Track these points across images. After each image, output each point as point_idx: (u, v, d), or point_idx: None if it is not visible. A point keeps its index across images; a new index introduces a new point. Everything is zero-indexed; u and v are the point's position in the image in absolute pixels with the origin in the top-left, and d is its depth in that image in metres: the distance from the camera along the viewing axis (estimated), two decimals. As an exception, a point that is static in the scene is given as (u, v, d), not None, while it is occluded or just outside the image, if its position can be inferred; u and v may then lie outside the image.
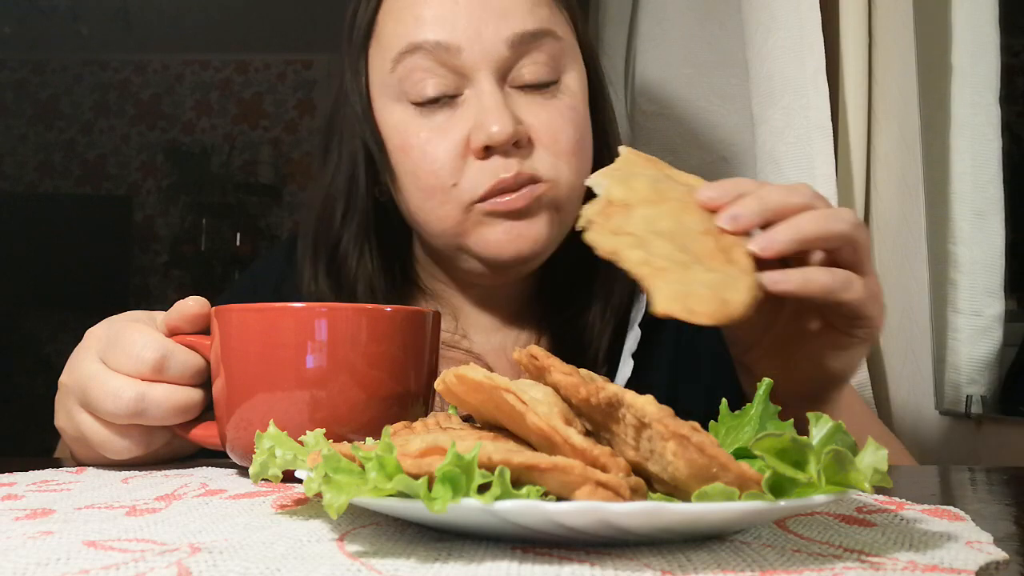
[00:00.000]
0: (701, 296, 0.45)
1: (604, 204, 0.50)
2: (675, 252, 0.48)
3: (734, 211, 0.51)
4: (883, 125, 1.02)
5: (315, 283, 0.79)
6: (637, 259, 0.47)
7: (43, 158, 5.11)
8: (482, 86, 0.70)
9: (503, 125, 0.68)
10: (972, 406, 0.92)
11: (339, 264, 0.79)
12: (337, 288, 0.79)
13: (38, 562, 0.31)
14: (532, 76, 0.72)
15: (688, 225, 0.50)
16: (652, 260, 0.47)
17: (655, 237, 0.48)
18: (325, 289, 0.79)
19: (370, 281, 0.79)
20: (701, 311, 0.45)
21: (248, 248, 4.89)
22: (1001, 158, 0.92)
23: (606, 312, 0.80)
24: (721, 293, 0.46)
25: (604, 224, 0.49)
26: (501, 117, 0.69)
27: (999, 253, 0.92)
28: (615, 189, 0.51)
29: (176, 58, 5.08)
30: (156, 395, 0.56)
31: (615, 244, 0.48)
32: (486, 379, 0.37)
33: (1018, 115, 0.97)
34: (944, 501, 0.44)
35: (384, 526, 0.37)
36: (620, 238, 0.48)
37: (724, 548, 0.33)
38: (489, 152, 0.70)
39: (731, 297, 0.46)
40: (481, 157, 0.70)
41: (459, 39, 0.70)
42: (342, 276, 0.79)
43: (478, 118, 0.70)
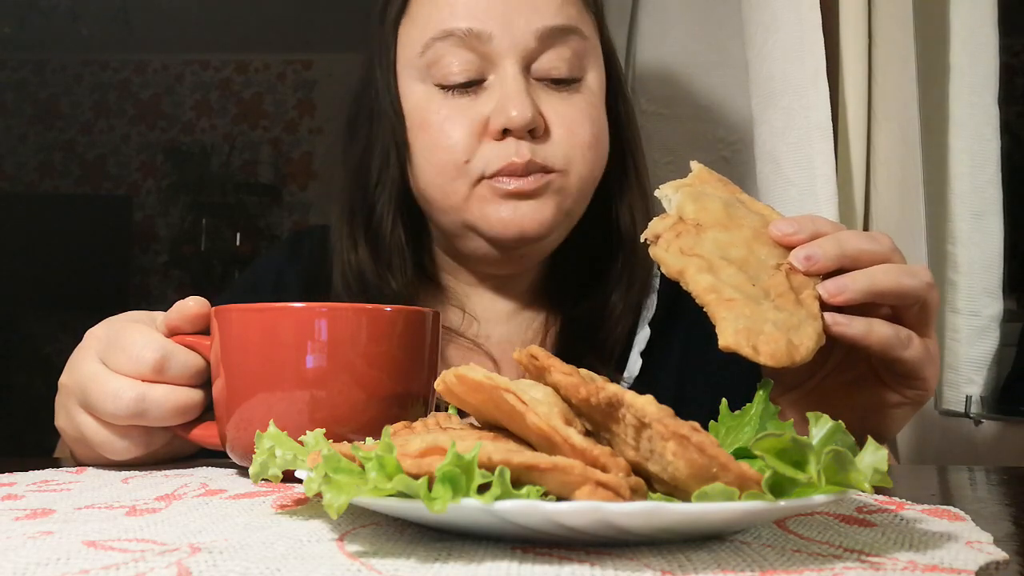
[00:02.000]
0: (768, 336, 0.45)
1: (675, 220, 0.50)
2: (745, 283, 0.47)
3: (810, 251, 0.50)
4: (883, 125, 1.02)
5: (354, 253, 0.79)
6: (706, 284, 0.46)
7: (43, 158, 5.11)
8: (506, 71, 0.72)
9: (522, 110, 0.70)
10: (972, 406, 0.92)
11: (375, 229, 0.79)
12: (375, 255, 0.79)
13: (38, 562, 0.31)
14: (555, 71, 0.74)
15: (760, 256, 0.50)
16: (721, 288, 0.46)
17: (725, 264, 0.48)
18: (365, 257, 0.79)
19: (402, 252, 0.79)
20: (766, 351, 0.44)
21: (248, 248, 4.89)
22: (1000, 158, 0.92)
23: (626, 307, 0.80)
24: (788, 335, 0.45)
25: (672, 241, 0.49)
26: (522, 103, 0.71)
27: (997, 253, 0.93)
28: (687, 205, 0.51)
29: (176, 58, 5.08)
30: (156, 396, 0.56)
31: (683, 264, 0.47)
32: (486, 379, 0.37)
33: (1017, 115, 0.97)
34: (944, 501, 0.44)
35: (384, 526, 0.37)
36: (689, 259, 0.48)
37: (724, 548, 0.33)
38: (506, 135, 0.72)
39: (798, 341, 0.46)
40: (498, 139, 0.72)
41: (491, 27, 0.72)
42: (379, 242, 0.79)
43: (500, 102, 0.72)
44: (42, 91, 5.11)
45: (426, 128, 0.74)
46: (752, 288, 0.47)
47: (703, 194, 0.52)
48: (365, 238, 0.80)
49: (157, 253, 5.08)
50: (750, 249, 0.50)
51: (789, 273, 0.50)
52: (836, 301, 0.49)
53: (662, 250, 0.49)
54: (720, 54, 1.28)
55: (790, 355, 0.45)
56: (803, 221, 0.52)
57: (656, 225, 0.50)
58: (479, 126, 0.72)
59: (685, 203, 0.51)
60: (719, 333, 0.44)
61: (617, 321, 0.80)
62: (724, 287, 0.46)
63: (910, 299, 0.52)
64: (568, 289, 0.82)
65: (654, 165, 1.30)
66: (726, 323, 0.45)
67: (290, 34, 4.66)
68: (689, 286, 0.47)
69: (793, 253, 0.50)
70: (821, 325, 0.48)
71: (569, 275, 0.82)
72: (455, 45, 0.73)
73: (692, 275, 0.47)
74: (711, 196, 0.53)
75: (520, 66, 0.73)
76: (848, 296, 0.49)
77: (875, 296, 0.50)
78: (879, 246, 0.52)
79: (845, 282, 0.49)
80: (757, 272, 0.49)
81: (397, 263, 0.79)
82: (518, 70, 0.72)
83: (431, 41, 0.73)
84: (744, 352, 0.44)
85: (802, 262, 0.50)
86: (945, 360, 0.94)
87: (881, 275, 0.50)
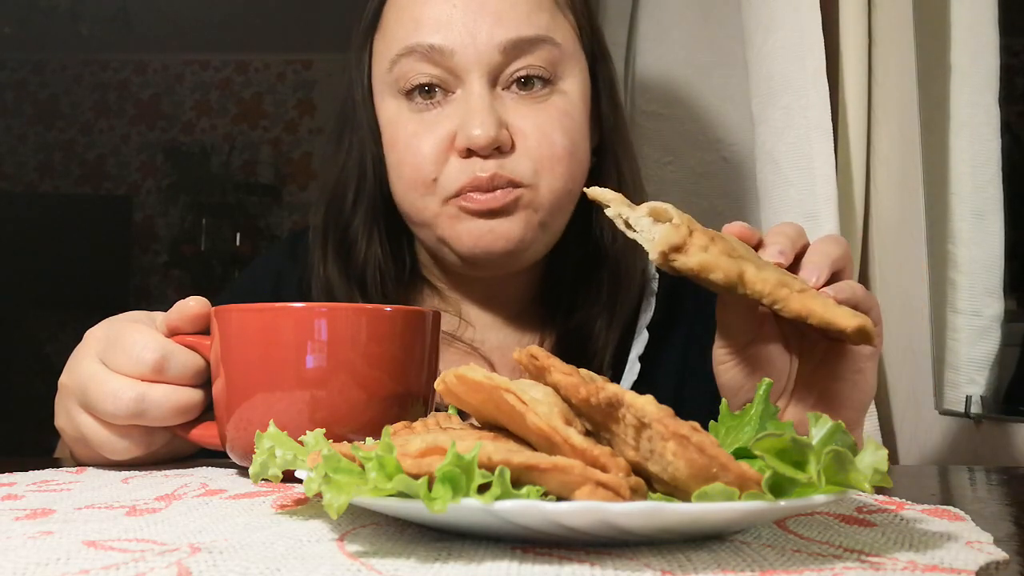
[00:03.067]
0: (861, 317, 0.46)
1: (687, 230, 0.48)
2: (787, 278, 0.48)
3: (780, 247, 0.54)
4: (883, 125, 1.02)
5: (323, 266, 0.80)
6: (775, 280, 0.47)
7: (43, 158, 5.11)
8: (472, 87, 0.71)
9: (485, 129, 0.69)
10: (972, 406, 0.92)
11: (348, 248, 0.80)
12: (346, 272, 0.79)
13: (38, 562, 0.31)
14: (525, 76, 0.72)
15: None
16: (790, 283, 0.47)
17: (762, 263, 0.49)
18: (334, 273, 0.79)
19: (379, 265, 0.79)
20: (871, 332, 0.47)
21: (248, 248, 4.89)
22: (1000, 158, 0.92)
23: (612, 322, 0.80)
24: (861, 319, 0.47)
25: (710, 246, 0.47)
26: (485, 120, 0.69)
27: (998, 253, 0.92)
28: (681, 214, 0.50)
29: (176, 58, 5.08)
30: (156, 396, 0.56)
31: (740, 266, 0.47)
32: (486, 379, 0.37)
33: (1018, 115, 0.97)
34: (944, 501, 0.44)
35: (384, 526, 0.37)
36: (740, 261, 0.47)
37: (724, 548, 0.33)
38: (471, 154, 0.71)
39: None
40: (464, 156, 0.71)
41: (453, 43, 0.71)
42: (351, 260, 0.79)
43: (463, 119, 0.71)
44: (42, 91, 5.11)
45: (395, 144, 0.74)
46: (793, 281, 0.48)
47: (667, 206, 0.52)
48: (335, 255, 0.80)
49: (157, 253, 5.08)
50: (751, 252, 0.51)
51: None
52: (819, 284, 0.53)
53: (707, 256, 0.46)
54: (720, 54, 1.28)
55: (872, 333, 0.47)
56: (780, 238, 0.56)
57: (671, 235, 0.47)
58: (446, 142, 0.72)
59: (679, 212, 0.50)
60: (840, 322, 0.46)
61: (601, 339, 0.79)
62: (790, 280, 0.47)
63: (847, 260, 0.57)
64: (560, 299, 0.82)
65: (654, 165, 1.31)
66: (836, 310, 0.46)
67: (290, 34, 4.66)
68: (755, 286, 0.46)
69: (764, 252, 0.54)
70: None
71: (561, 285, 0.82)
72: (419, 60, 0.72)
73: (755, 274, 0.46)
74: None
75: (485, 80, 0.71)
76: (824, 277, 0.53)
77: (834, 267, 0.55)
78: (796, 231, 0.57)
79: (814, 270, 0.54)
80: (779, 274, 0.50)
81: (372, 278, 0.79)
82: (483, 84, 0.71)
83: (397, 57, 0.73)
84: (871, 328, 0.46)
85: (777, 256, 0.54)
86: (946, 360, 0.94)
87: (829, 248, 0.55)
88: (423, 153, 0.72)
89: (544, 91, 0.73)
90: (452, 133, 0.71)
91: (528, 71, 0.72)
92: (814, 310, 0.46)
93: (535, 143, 0.72)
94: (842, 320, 0.46)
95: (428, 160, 0.72)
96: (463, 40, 0.71)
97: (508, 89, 0.73)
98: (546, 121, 0.72)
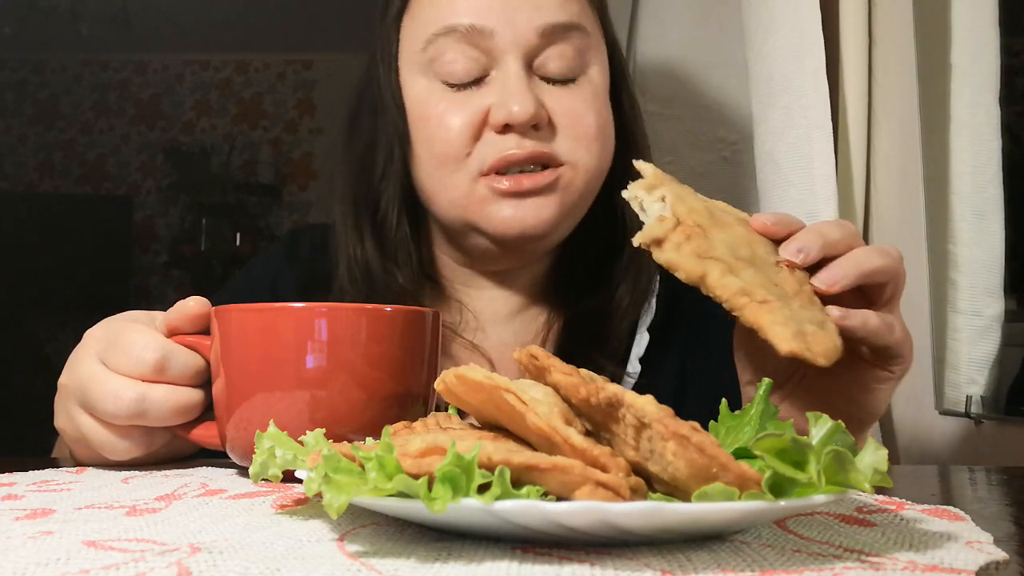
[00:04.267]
0: (816, 336, 0.45)
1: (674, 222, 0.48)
2: (767, 283, 0.47)
3: (801, 244, 0.51)
4: (883, 125, 1.02)
5: (360, 246, 0.79)
6: (735, 288, 0.45)
7: (43, 158, 5.11)
8: (509, 68, 0.72)
9: (525, 105, 0.70)
10: (972, 406, 0.92)
11: (380, 223, 0.79)
12: (381, 248, 0.79)
13: (38, 562, 0.31)
14: (557, 68, 0.74)
15: (761, 254, 0.49)
16: (751, 291, 0.45)
17: (742, 264, 0.47)
18: (371, 250, 0.79)
19: (407, 246, 0.79)
20: (819, 351, 0.44)
21: (248, 248, 4.89)
22: (1001, 158, 0.92)
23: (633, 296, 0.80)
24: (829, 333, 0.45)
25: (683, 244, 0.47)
26: (524, 98, 0.70)
27: (999, 253, 0.92)
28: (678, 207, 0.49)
29: (176, 58, 5.08)
30: (156, 396, 0.56)
31: (704, 268, 0.46)
32: (486, 379, 0.37)
33: (1018, 115, 0.97)
34: (944, 501, 0.44)
35: (384, 526, 0.37)
36: (708, 262, 0.46)
37: (724, 548, 0.33)
38: (507, 130, 0.71)
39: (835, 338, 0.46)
40: (500, 132, 0.72)
41: (492, 23, 0.72)
42: (384, 236, 0.79)
43: (501, 96, 0.71)
44: (42, 91, 5.11)
45: (425, 120, 0.74)
46: (775, 288, 0.47)
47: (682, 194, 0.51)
48: (371, 232, 0.79)
49: (157, 253, 5.08)
50: (751, 247, 0.49)
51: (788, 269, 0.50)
52: (833, 290, 0.50)
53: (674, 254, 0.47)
54: (720, 54, 1.28)
55: (837, 352, 0.45)
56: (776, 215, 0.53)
57: (654, 229, 0.47)
58: (479, 118, 0.72)
59: (676, 204, 0.49)
60: (776, 340, 0.43)
61: (623, 316, 0.80)
62: (754, 288, 0.45)
63: (888, 276, 0.53)
64: (573, 285, 0.82)
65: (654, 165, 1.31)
66: (779, 327, 0.44)
67: (290, 34, 4.66)
68: (715, 291, 0.46)
69: (784, 247, 0.51)
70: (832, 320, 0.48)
71: (574, 271, 0.82)
72: (457, 40, 0.73)
73: (716, 279, 0.46)
74: (689, 195, 0.51)
75: (522, 62, 0.73)
76: (843, 284, 0.50)
77: (863, 279, 0.51)
78: (848, 232, 0.53)
79: (836, 272, 0.50)
80: (767, 270, 0.48)
81: (403, 257, 0.79)
82: (520, 65, 0.72)
83: (433, 37, 0.73)
84: (805, 356, 0.43)
85: (795, 255, 0.50)
86: (946, 360, 0.94)
87: (865, 258, 0.52)
88: (455, 128, 0.72)
89: (575, 78, 0.75)
90: (485, 110, 0.72)
91: (560, 60, 0.74)
92: (762, 324, 0.44)
93: (569, 122, 0.73)
94: (779, 341, 0.44)
95: (461, 135, 0.72)
96: (503, 21, 0.72)
97: (540, 76, 0.74)
98: (579, 103, 0.74)
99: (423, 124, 0.75)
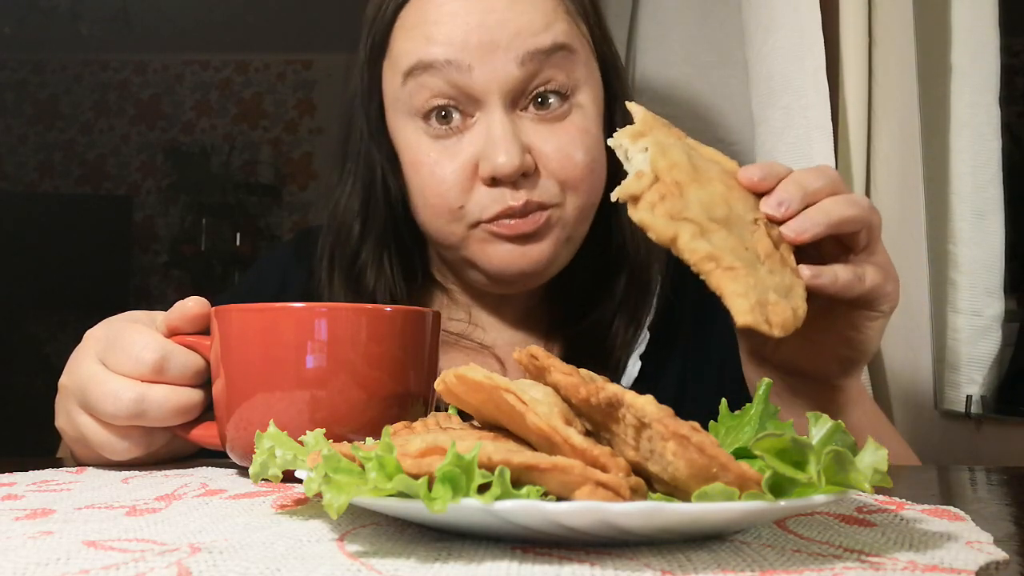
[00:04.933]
0: (776, 306, 0.44)
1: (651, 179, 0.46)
2: (738, 246, 0.46)
3: (781, 196, 0.50)
4: (883, 125, 1.02)
5: (329, 292, 0.80)
6: (703, 253, 0.44)
7: (43, 158, 5.11)
8: (493, 114, 0.70)
9: (510, 157, 0.68)
10: (972, 406, 0.92)
11: (357, 275, 0.79)
12: (355, 299, 0.79)
13: (38, 562, 0.31)
14: (545, 92, 0.71)
15: (738, 211, 0.48)
16: (719, 256, 0.44)
17: (715, 226, 0.46)
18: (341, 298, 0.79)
19: (390, 289, 0.79)
20: (777, 322, 0.44)
21: (248, 248, 4.89)
22: (1001, 158, 0.92)
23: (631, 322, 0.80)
24: (790, 302, 0.45)
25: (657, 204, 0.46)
26: (509, 148, 0.68)
27: (999, 253, 0.93)
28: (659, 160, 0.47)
29: (176, 58, 5.08)
30: (156, 396, 0.56)
31: (674, 230, 0.45)
32: (486, 379, 0.37)
33: (1018, 115, 0.97)
34: (944, 501, 0.44)
35: (384, 526, 0.37)
36: (680, 224, 0.45)
37: (724, 548, 0.33)
38: (495, 182, 0.70)
39: (795, 305, 0.45)
40: (488, 185, 0.70)
41: (470, 57, 0.69)
42: (360, 287, 0.79)
43: (486, 148, 0.69)
44: (42, 91, 5.11)
45: (418, 168, 0.73)
46: (745, 252, 0.46)
47: (666, 145, 0.49)
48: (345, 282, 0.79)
49: (157, 253, 5.08)
50: (729, 205, 0.48)
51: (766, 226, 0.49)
52: (802, 239, 0.50)
53: (647, 214, 0.45)
54: (720, 54, 1.27)
55: (795, 322, 0.45)
56: (765, 166, 0.52)
57: (631, 185, 0.46)
58: (469, 169, 0.71)
59: (656, 158, 0.47)
60: (733, 311, 0.43)
61: (619, 339, 0.79)
62: (723, 254, 0.44)
63: (858, 225, 0.53)
64: (572, 305, 0.81)
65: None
66: (739, 299, 0.43)
67: (290, 34, 4.65)
68: (684, 254, 0.45)
69: (765, 202, 0.51)
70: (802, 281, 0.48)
71: (573, 291, 0.81)
72: (434, 77, 0.70)
73: (686, 242, 0.44)
74: (674, 146, 0.49)
75: (505, 102, 0.70)
76: (812, 233, 0.50)
77: (832, 228, 0.51)
78: (828, 179, 0.53)
79: (804, 221, 0.50)
80: (742, 231, 0.47)
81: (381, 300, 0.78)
82: (503, 109, 0.70)
83: (409, 71, 0.71)
84: (761, 328, 0.43)
85: (775, 208, 0.50)
86: (946, 360, 0.94)
87: (833, 207, 0.52)
88: (447, 180, 0.71)
89: (562, 108, 0.72)
90: (474, 159, 0.70)
91: (547, 87, 0.71)
92: (724, 292, 0.44)
93: (558, 165, 0.71)
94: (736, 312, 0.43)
95: (453, 188, 0.71)
96: (480, 55, 0.69)
97: (526, 110, 0.71)
98: (567, 142, 0.72)
99: (415, 172, 0.73)
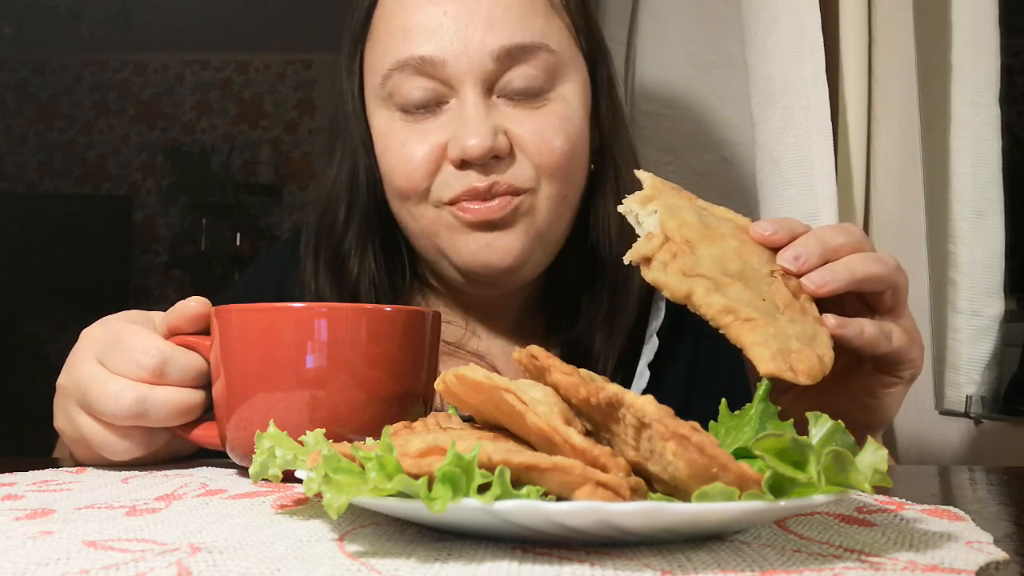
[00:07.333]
0: (800, 354, 0.44)
1: (662, 239, 0.47)
2: (755, 298, 0.46)
3: (797, 251, 0.50)
4: (883, 125, 1.02)
5: (315, 281, 0.80)
6: (719, 306, 0.45)
7: (43, 158, 5.11)
8: (466, 97, 0.70)
9: (480, 139, 0.67)
10: (972, 406, 0.92)
11: (341, 263, 0.79)
12: (338, 287, 0.79)
13: (38, 562, 0.31)
14: (520, 89, 0.71)
15: (753, 266, 0.49)
16: (736, 308, 0.45)
17: (729, 280, 0.47)
18: (325, 286, 0.79)
19: (373, 279, 0.79)
20: (802, 370, 0.44)
21: (248, 248, 4.89)
22: (1001, 158, 0.92)
23: (611, 335, 0.79)
24: (815, 349, 0.45)
25: (669, 262, 0.47)
26: (480, 130, 0.68)
27: (999, 253, 0.92)
28: (668, 221, 0.48)
29: (176, 58, 5.08)
30: (157, 397, 0.55)
31: (688, 286, 0.46)
32: (486, 379, 0.37)
33: (1018, 115, 0.97)
34: (944, 501, 0.44)
35: (384, 526, 0.37)
36: (693, 280, 0.46)
37: (724, 548, 0.33)
38: (465, 164, 0.69)
39: (821, 352, 0.45)
40: (457, 167, 0.70)
41: (444, 52, 0.69)
42: (344, 275, 0.79)
43: (457, 129, 0.69)
44: (42, 91, 5.11)
45: (386, 152, 0.73)
46: (763, 303, 0.46)
47: (675, 207, 0.50)
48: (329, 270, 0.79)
49: (157, 253, 5.08)
50: (743, 259, 0.49)
51: (783, 278, 0.49)
52: (821, 293, 0.49)
53: (660, 273, 0.46)
54: (720, 54, 1.28)
55: (822, 369, 0.45)
56: (777, 221, 0.52)
57: (642, 247, 0.47)
58: (437, 151, 0.70)
59: (666, 219, 0.48)
60: (756, 360, 0.43)
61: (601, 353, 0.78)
62: (740, 306, 0.45)
63: (883, 284, 0.53)
64: (562, 310, 0.81)
65: (654, 165, 1.31)
66: (760, 348, 0.43)
67: (290, 34, 4.66)
68: (700, 309, 0.45)
69: (781, 255, 0.50)
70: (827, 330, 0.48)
71: (563, 295, 0.81)
72: (411, 74, 0.70)
73: (701, 297, 0.45)
74: (683, 207, 0.50)
75: (480, 88, 0.70)
76: (832, 287, 0.49)
77: (854, 284, 0.51)
78: (852, 237, 0.53)
79: (827, 274, 0.50)
80: (758, 284, 0.48)
81: (367, 293, 0.78)
82: (478, 93, 0.70)
83: (389, 72, 0.72)
84: (786, 376, 0.43)
85: (792, 263, 0.50)
86: (946, 360, 0.94)
87: (858, 264, 0.51)
88: (415, 161, 0.71)
89: (541, 97, 0.72)
90: (445, 142, 0.70)
91: (523, 82, 0.70)
92: (744, 344, 0.44)
93: (534, 148, 0.70)
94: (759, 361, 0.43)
95: (419, 168, 0.71)
96: (454, 48, 0.69)
97: (503, 97, 0.71)
98: (545, 126, 0.71)
99: (384, 156, 0.74)
